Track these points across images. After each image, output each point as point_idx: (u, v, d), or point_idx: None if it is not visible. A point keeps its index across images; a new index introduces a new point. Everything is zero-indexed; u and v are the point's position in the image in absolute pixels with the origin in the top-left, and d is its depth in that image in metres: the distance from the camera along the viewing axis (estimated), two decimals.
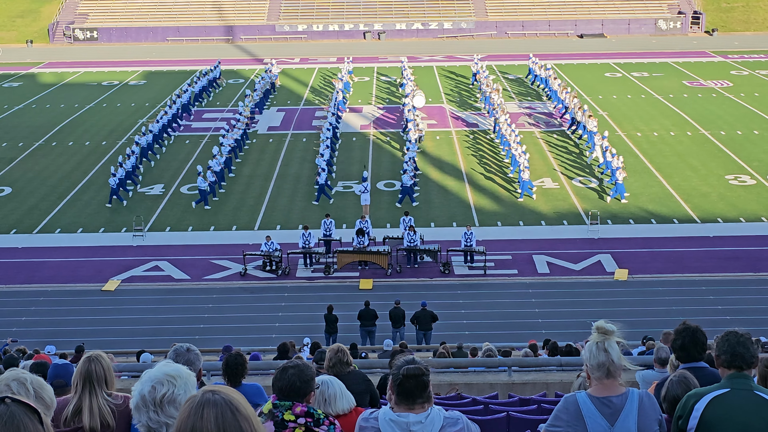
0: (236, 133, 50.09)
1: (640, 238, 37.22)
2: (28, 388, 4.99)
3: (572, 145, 50.03)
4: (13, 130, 56.04)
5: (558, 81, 60.85)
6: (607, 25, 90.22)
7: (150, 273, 35.02)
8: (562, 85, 59.19)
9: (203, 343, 26.95)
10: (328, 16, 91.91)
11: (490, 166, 46.78)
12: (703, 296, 31.87)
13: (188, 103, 58.66)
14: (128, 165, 43.89)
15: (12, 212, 41.45)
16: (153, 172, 46.91)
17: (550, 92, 60.62)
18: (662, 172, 44.93)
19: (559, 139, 51.53)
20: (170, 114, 54.20)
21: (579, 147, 49.50)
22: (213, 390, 3.87)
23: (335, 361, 10.35)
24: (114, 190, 41.79)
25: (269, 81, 64.59)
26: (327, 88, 66.46)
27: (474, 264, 34.83)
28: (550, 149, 49.41)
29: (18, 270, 35.49)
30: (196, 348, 7.21)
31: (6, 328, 30.00)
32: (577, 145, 49.86)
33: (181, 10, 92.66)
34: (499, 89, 58.40)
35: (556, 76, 63.00)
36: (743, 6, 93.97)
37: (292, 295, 33.07)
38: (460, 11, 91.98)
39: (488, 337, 25.67)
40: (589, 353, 6.09)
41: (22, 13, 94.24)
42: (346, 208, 41.23)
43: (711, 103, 59.74)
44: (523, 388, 17.45)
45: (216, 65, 69.08)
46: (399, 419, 5.82)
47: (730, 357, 6.30)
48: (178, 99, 57.32)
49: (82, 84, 70.16)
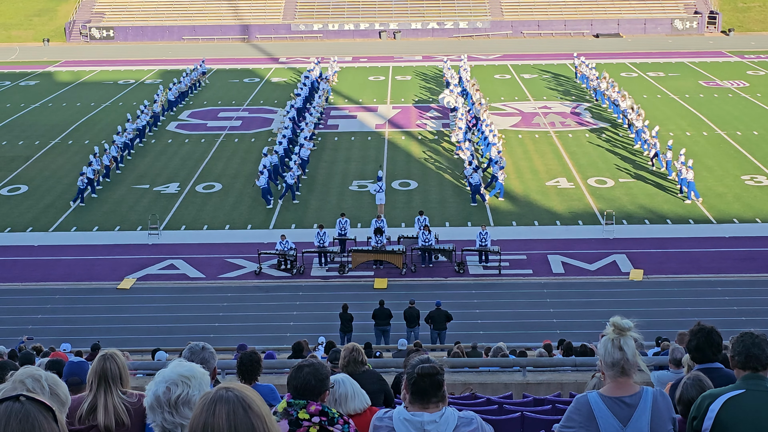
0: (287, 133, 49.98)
1: (656, 238, 37.10)
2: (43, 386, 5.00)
3: (584, 145, 49.91)
4: (30, 128, 56.26)
5: (609, 81, 59.67)
6: (623, 25, 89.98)
7: (165, 271, 35.11)
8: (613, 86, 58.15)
9: (218, 342, 27.04)
10: (343, 15, 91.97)
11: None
12: (719, 297, 31.75)
13: (302, 107, 57.96)
14: (96, 164, 43.90)
15: (28, 210, 41.62)
16: (168, 170, 47.01)
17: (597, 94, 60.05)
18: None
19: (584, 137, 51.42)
20: (150, 114, 54.26)
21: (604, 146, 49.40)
22: (227, 387, 3.87)
23: (349, 360, 10.34)
24: (264, 190, 41.55)
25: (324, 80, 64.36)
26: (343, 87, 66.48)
27: (489, 264, 34.78)
28: (566, 148, 49.27)
29: (34, 268, 35.63)
30: (210, 346, 7.22)
31: (22, 325, 30.15)
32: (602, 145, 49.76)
33: (197, 9, 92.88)
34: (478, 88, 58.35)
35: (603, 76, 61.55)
36: (760, 6, 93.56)
37: (307, 294, 33.10)
38: (475, 11, 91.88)
39: (503, 337, 25.63)
40: (604, 350, 6.05)
41: (38, 12, 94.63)
42: (361, 207, 41.24)
43: (727, 104, 59.50)
44: (538, 388, 17.41)
45: (201, 64, 69.36)
46: (413, 418, 5.82)
47: (744, 358, 6.27)
48: (159, 99, 57.55)
49: (98, 83, 70.41)
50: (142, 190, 44.04)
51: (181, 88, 62.20)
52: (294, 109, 54.53)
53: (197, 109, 60.55)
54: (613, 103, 56.24)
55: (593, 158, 47.53)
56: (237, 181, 45.10)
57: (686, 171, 40.79)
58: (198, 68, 68.62)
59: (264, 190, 41.38)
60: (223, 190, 43.77)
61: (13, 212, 41.47)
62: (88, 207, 41.80)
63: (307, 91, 59.95)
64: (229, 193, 43.29)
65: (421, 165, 47.35)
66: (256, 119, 57.86)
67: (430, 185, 44.03)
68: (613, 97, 56.26)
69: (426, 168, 46.65)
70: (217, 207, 41.62)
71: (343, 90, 65.78)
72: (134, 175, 46.38)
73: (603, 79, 60.16)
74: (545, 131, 53.10)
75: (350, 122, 56.92)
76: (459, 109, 53.83)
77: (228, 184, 44.57)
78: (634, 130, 49.79)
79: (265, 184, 41.42)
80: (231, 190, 43.82)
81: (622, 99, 54.31)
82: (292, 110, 54.07)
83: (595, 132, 52.67)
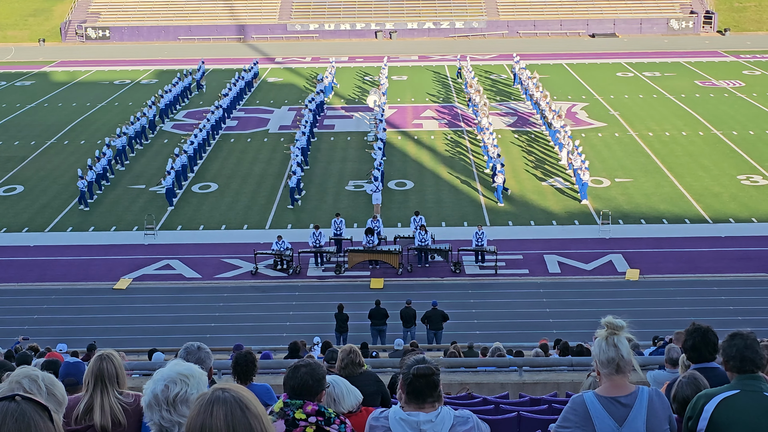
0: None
1: (652, 238, 37.14)
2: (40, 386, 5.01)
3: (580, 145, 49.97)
4: (26, 128, 56.21)
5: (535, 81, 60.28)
6: (618, 25, 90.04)
7: (161, 271, 35.09)
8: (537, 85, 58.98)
9: (214, 342, 27.03)
10: (339, 15, 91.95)
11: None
12: (715, 297, 31.78)
13: (168, 106, 58.39)
14: (98, 167, 43.78)
15: (24, 210, 41.59)
16: (164, 171, 46.92)
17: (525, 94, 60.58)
18: (674, 172, 44.82)
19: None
20: (150, 116, 54.13)
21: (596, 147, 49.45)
22: (223, 388, 3.88)
23: (347, 362, 10.34)
24: (169, 191, 41.63)
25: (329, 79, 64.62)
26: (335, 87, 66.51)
27: (485, 263, 34.80)
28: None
29: (30, 268, 35.60)
30: (206, 346, 7.23)
31: (18, 326, 30.13)
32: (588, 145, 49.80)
33: (193, 9, 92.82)
34: (480, 90, 58.44)
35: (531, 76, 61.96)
36: (756, 6, 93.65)
37: (303, 294, 33.10)
38: (471, 11, 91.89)
39: (499, 337, 25.64)
40: (599, 349, 6.06)
41: (34, 12, 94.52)
42: (357, 207, 41.24)
43: (723, 103, 59.56)
44: (534, 388, 17.42)
45: (199, 66, 69.22)
46: (409, 418, 5.83)
47: (740, 363, 6.27)
48: (161, 100, 57.44)
49: (94, 83, 70.34)
50: (138, 190, 44.01)
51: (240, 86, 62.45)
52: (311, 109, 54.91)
53: (193, 109, 60.51)
54: (535, 103, 56.50)
55: (589, 158, 47.49)
56: (233, 181, 45.09)
57: (583, 172, 40.98)
58: (199, 69, 68.32)
59: (168, 191, 41.41)
60: (219, 191, 43.76)
61: (9, 212, 41.43)
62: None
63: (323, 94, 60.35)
64: (225, 194, 43.27)
65: (417, 165, 47.35)
66: (252, 119, 57.84)
67: (427, 185, 44.05)
68: (535, 97, 56.52)
69: (422, 168, 46.65)
70: (214, 207, 41.60)
71: (339, 90, 65.75)
72: (130, 175, 46.35)
73: (532, 78, 60.36)
74: (541, 131, 53.11)
75: (346, 122, 56.93)
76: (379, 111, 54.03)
77: (224, 185, 44.55)
78: (551, 129, 49.84)
79: (170, 185, 41.47)
80: (227, 190, 43.81)
81: (543, 98, 54.49)
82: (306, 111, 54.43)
83: (591, 132, 52.68)
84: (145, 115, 53.63)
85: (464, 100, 61.60)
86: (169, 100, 58.57)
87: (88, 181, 42.22)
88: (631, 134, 51.81)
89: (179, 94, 61.57)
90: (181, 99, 61.82)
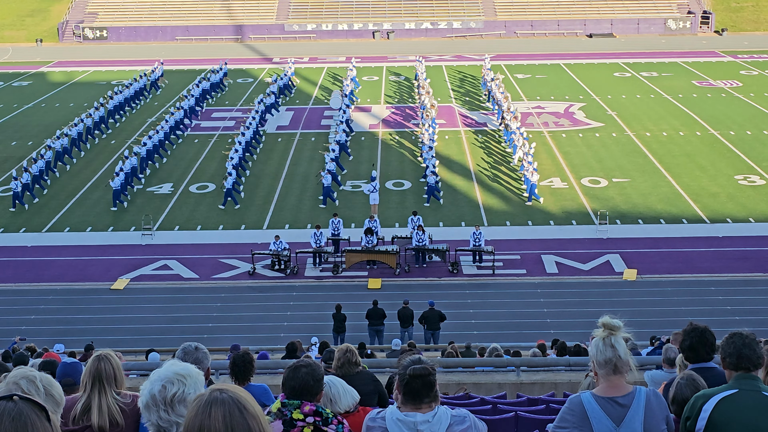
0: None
1: (649, 238, 37.16)
2: (37, 386, 5.00)
3: (578, 145, 49.97)
4: (23, 128, 56.18)
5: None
6: (616, 25, 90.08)
7: (159, 272, 35.08)
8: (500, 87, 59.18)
9: (211, 342, 27.00)
10: (337, 15, 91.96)
11: (499, 166, 46.76)
12: (713, 296, 31.80)
13: (194, 106, 58.35)
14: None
15: (21, 211, 41.53)
16: (161, 171, 46.97)
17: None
18: (671, 172, 44.85)
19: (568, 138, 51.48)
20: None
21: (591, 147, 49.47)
22: (221, 388, 3.88)
23: (344, 361, 10.34)
24: (116, 192, 41.59)
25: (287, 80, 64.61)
26: (337, 85, 66.48)
27: (482, 264, 34.81)
28: (559, 148, 49.32)
29: (27, 268, 35.57)
30: (204, 347, 7.22)
31: (15, 326, 30.10)
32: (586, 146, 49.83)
33: (191, 9, 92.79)
34: (431, 91, 58.58)
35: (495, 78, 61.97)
36: (753, 6, 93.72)
37: (301, 294, 33.09)
38: (468, 11, 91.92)
39: (496, 337, 25.67)
40: (596, 349, 6.06)
41: (31, 12, 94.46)
42: (354, 207, 41.23)
43: (720, 103, 59.60)
44: (532, 388, 17.44)
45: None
46: (406, 419, 5.83)
47: (736, 360, 6.28)
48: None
49: (92, 83, 70.30)
50: (135, 190, 43.96)
51: (204, 87, 62.32)
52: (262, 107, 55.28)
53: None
54: (496, 103, 56.50)
55: (587, 158, 47.58)
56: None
57: (531, 173, 41.07)
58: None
59: (116, 192, 41.37)
60: (216, 191, 43.72)
61: (6, 212, 41.39)
62: (82, 207, 41.75)
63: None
64: (223, 194, 43.21)
65: (414, 165, 47.34)
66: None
67: (424, 185, 43.97)
68: (497, 97, 56.55)
69: (420, 168, 46.61)
70: (211, 207, 41.58)
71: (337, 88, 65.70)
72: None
73: (495, 80, 60.36)
74: (539, 131, 53.11)
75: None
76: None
77: (222, 185, 44.46)
78: (507, 131, 49.86)
79: (118, 186, 41.40)
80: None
81: (504, 100, 54.54)
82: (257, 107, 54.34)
83: (588, 132, 52.72)
84: (90, 116, 53.43)
85: (462, 100, 61.64)
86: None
87: (23, 183, 41.89)
88: (628, 134, 51.83)
89: (201, 95, 61.21)
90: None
